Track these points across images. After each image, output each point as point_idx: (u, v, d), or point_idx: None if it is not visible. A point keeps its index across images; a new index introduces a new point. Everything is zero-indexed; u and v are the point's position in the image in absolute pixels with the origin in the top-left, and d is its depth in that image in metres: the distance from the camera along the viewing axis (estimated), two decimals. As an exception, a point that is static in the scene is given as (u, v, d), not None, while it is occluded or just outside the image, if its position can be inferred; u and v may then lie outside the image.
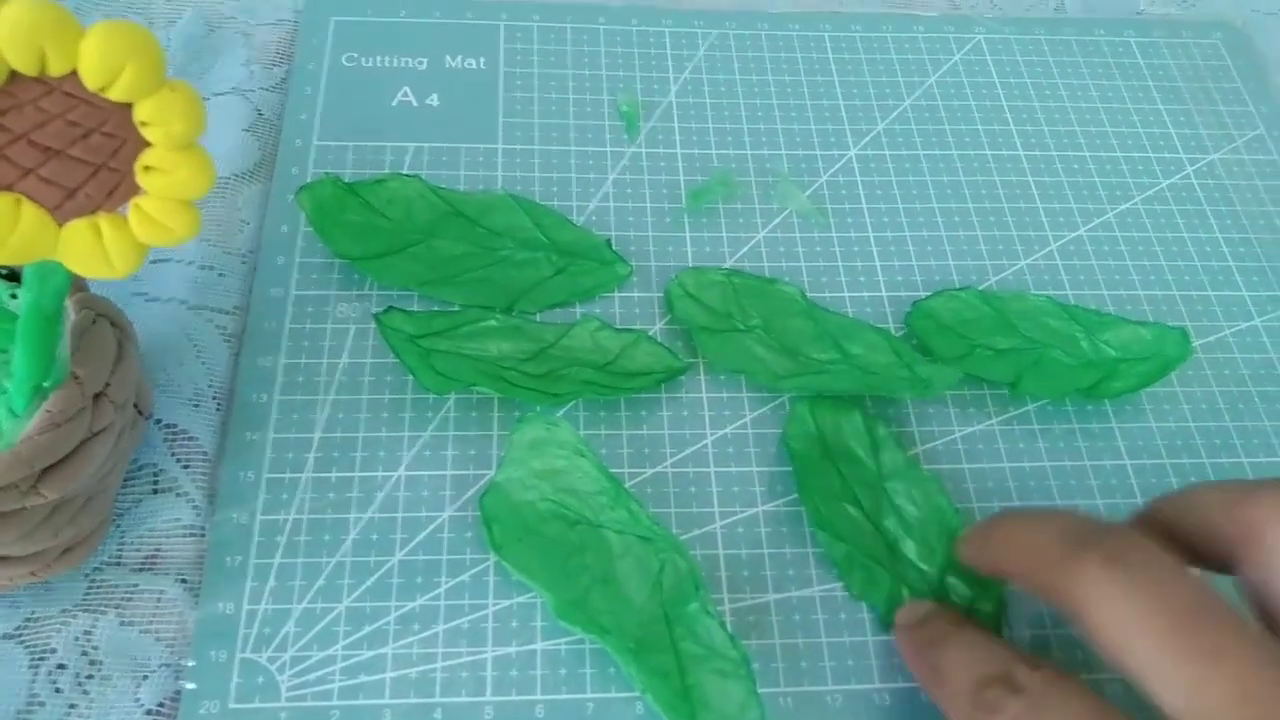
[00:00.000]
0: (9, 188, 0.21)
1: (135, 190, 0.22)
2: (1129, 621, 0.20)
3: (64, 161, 0.22)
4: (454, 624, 0.29)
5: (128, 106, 0.21)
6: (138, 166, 0.22)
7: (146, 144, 0.22)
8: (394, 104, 0.39)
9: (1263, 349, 0.37)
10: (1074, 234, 0.39)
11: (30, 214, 0.22)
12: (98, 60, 0.20)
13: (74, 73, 0.20)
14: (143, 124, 0.21)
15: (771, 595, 0.30)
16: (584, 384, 0.33)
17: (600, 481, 0.31)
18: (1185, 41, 0.46)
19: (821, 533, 0.31)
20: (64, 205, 0.22)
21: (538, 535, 0.30)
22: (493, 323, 0.34)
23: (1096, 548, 0.22)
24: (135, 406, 0.30)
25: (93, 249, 0.22)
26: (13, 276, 0.28)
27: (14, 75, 0.20)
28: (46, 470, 0.25)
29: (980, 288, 0.37)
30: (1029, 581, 0.25)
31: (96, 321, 0.27)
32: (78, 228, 0.22)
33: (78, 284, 0.27)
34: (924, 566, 0.31)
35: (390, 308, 0.33)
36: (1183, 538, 0.24)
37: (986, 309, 0.36)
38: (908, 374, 0.34)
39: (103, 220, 0.22)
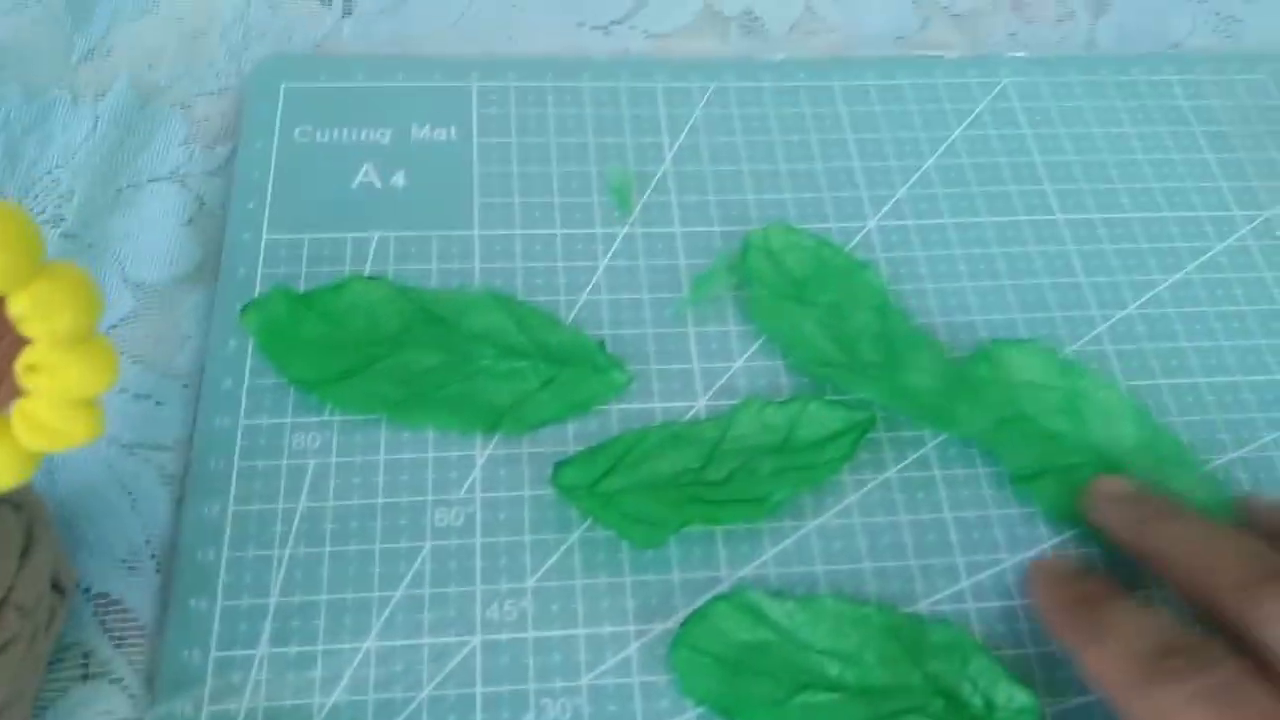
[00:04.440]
0: None
1: (17, 392, 0.18)
2: None
3: (-80, 370, 0.17)
4: (438, 833, 0.25)
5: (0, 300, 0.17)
6: (18, 366, 0.18)
7: (26, 341, 0.17)
8: (354, 186, 0.35)
9: (1339, 438, 0.33)
10: (1123, 312, 0.35)
11: (-118, 434, 0.17)
12: (-51, 255, 0.16)
13: (-76, 266, 0.16)
14: (19, 320, 0.17)
15: None
16: (775, 476, 0.29)
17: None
18: (1230, 78, 0.41)
19: None
20: (-75, 419, 0.18)
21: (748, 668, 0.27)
22: (651, 437, 0.30)
23: None
24: (55, 586, 0.25)
25: (-34, 465, 0.18)
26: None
27: None
28: (-66, 708, 0.21)
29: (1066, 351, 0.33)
30: (1192, 593, 0.25)
31: (-6, 513, 0.22)
32: (-55, 443, 0.18)
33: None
34: None
35: (557, 464, 0.29)
36: None
37: (1058, 382, 0.32)
38: (941, 406, 0.31)
39: (-23, 430, 0.18)
